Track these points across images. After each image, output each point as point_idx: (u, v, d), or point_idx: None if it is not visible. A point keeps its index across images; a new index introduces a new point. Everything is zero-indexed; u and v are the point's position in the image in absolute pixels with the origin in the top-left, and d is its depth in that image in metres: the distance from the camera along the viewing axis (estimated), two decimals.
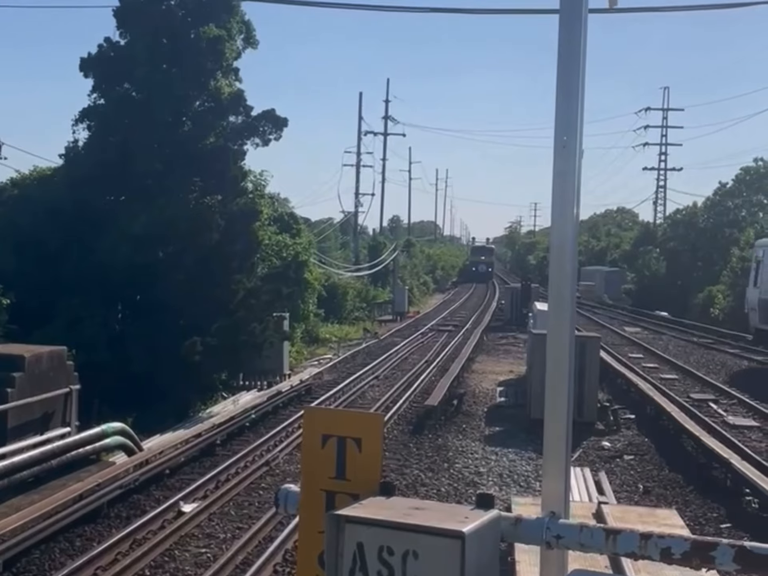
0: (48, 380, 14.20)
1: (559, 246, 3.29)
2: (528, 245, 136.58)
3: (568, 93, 3.17)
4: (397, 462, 16.51)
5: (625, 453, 17.87)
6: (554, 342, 3.42)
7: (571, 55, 3.15)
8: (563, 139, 3.18)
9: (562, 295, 3.31)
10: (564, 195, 3.20)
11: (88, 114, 24.61)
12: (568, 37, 3.17)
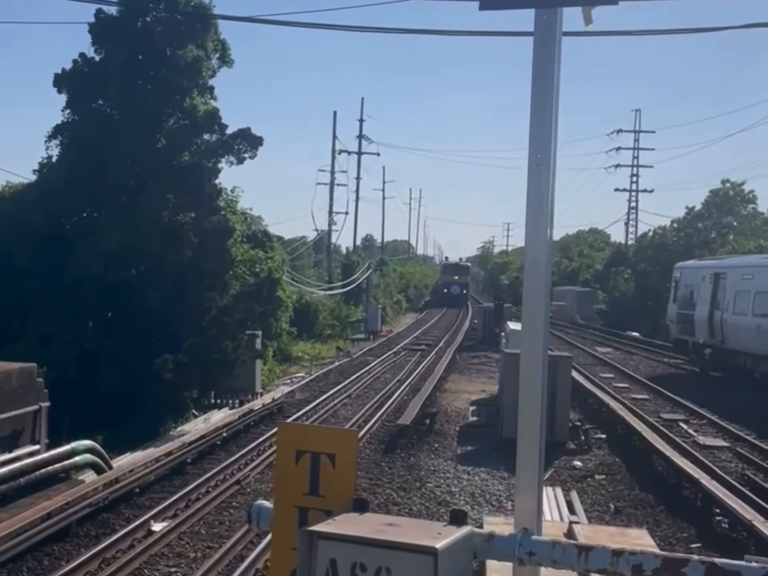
0: (17, 397, 14.06)
1: (533, 264, 3.31)
2: (501, 265, 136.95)
3: (542, 112, 3.20)
4: (369, 481, 16.46)
5: (596, 473, 17.91)
6: (527, 361, 3.44)
7: (545, 75, 3.18)
8: (537, 157, 3.20)
9: (536, 315, 3.33)
10: (538, 214, 3.23)
11: (61, 130, 24.53)
12: (542, 58, 3.21)
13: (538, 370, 3.42)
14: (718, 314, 32.87)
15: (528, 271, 3.38)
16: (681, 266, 40.67)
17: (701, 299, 35.07)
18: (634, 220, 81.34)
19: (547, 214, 3.25)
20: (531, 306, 3.32)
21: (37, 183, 24.54)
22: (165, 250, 23.24)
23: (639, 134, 79.82)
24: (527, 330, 3.42)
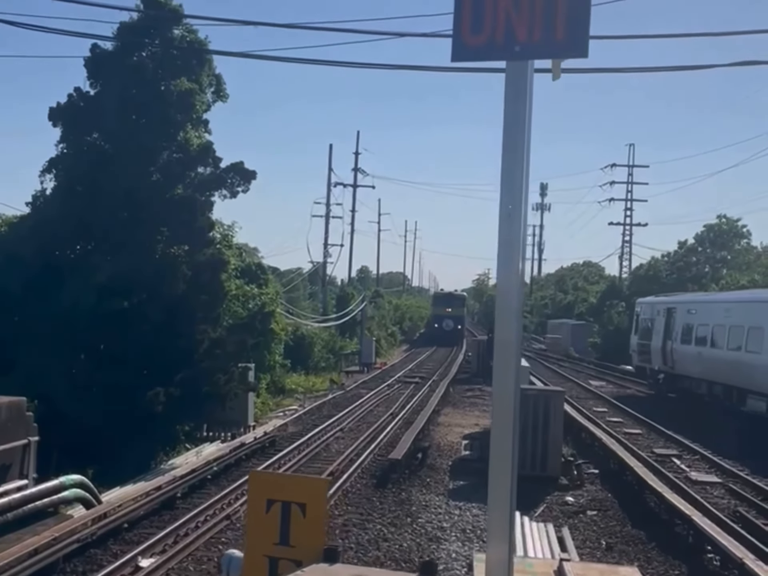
0: (6, 431, 13.99)
1: (504, 311, 3.32)
2: (495, 297, 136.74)
3: (513, 164, 3.21)
4: (359, 516, 16.37)
5: (588, 508, 17.86)
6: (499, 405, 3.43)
7: (515, 127, 3.20)
8: (508, 207, 3.21)
9: (508, 356, 3.31)
10: (509, 263, 3.24)
11: (55, 163, 24.57)
12: (513, 110, 3.23)
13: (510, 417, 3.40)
14: (669, 344, 37.94)
15: (500, 318, 3.39)
16: (641, 302, 46.32)
17: (656, 331, 40.01)
18: (628, 254, 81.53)
19: (518, 263, 3.26)
20: (503, 349, 3.30)
21: (30, 215, 24.55)
22: (158, 283, 23.22)
23: (633, 168, 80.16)
24: (499, 367, 3.40)
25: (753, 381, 28.82)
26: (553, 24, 3.55)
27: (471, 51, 3.58)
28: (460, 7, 3.57)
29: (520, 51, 3.49)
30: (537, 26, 3.53)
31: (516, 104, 3.24)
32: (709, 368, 33.27)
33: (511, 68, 3.39)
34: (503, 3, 3.53)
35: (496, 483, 3.32)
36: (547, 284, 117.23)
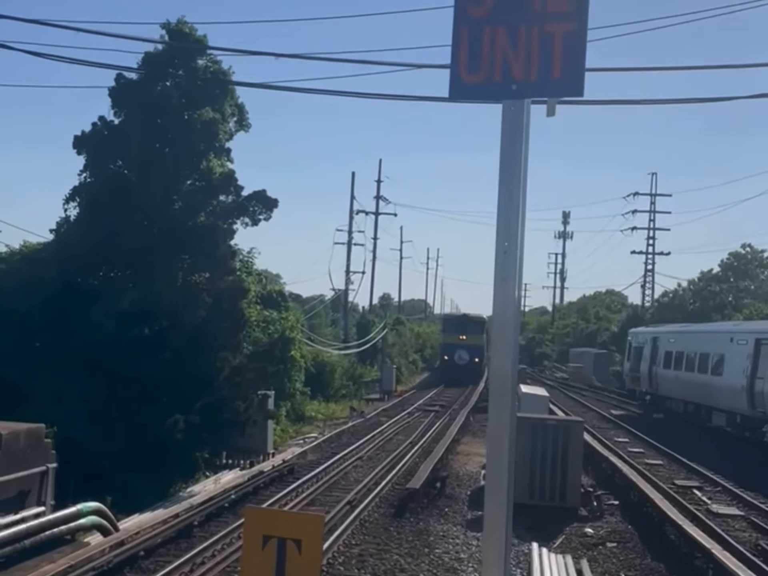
0: (25, 458, 14.06)
1: (500, 346, 3.32)
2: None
3: (509, 202, 3.24)
4: (376, 546, 16.29)
5: (608, 540, 17.67)
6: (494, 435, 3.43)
7: (511, 164, 3.23)
8: (504, 245, 3.23)
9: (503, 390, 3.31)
10: (506, 299, 3.24)
11: (79, 191, 24.87)
12: (509, 148, 3.26)
13: (504, 445, 3.40)
14: (654, 369, 43.51)
15: (496, 357, 3.39)
16: (632, 332, 53.05)
17: (644, 358, 45.54)
18: (651, 283, 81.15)
19: (513, 299, 3.27)
20: (499, 388, 3.31)
21: (54, 242, 24.82)
22: (179, 310, 23.37)
23: (655, 197, 79.98)
24: (495, 410, 3.41)
25: (716, 400, 34.26)
26: (550, 64, 3.61)
27: (468, 89, 3.64)
28: (458, 46, 3.64)
29: (517, 90, 3.56)
30: (533, 66, 3.60)
31: (512, 143, 3.28)
32: (684, 389, 38.50)
33: (508, 107, 3.44)
34: (500, 43, 3.59)
35: (490, 515, 3.32)
36: (569, 313, 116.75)
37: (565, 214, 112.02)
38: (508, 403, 3.34)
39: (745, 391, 31.13)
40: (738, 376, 31.85)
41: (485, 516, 3.46)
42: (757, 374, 30.60)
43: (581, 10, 3.74)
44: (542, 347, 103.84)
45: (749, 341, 32.02)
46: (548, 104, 3.68)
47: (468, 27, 3.68)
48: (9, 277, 23.95)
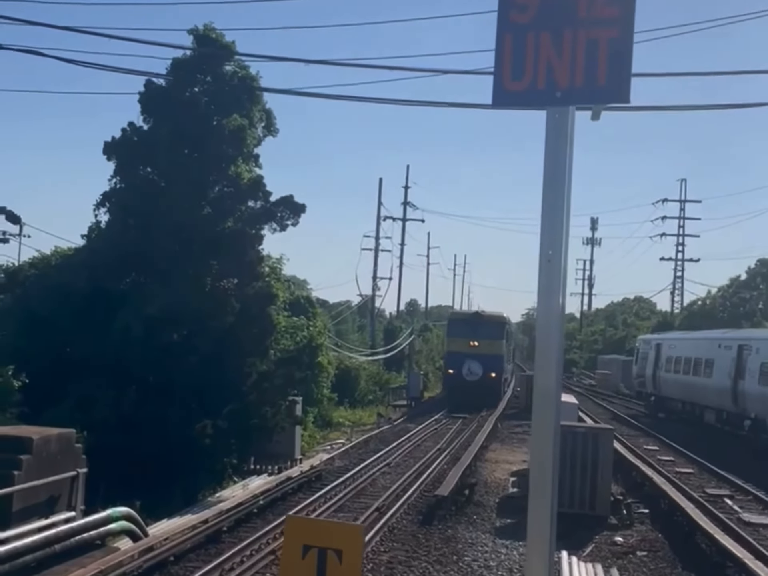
0: (55, 463, 14.12)
1: (544, 355, 3.26)
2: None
3: (554, 209, 3.19)
4: (405, 553, 16.21)
5: (638, 549, 17.49)
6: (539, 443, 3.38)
7: (556, 173, 3.19)
8: (548, 253, 3.19)
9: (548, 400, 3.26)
10: (550, 307, 3.19)
11: (109, 197, 25.04)
12: (554, 156, 3.22)
13: (549, 450, 3.35)
14: (657, 372, 47.63)
15: (539, 362, 3.33)
16: (640, 338, 58.26)
17: (649, 362, 49.43)
18: (680, 289, 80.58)
19: (558, 307, 3.22)
20: (543, 404, 3.25)
21: (84, 248, 25.01)
22: (207, 316, 23.46)
23: (685, 204, 79.42)
24: (538, 420, 3.36)
25: (707, 399, 38.82)
26: (595, 70, 3.57)
27: (512, 96, 3.60)
28: (501, 53, 3.59)
29: (561, 97, 3.52)
30: (578, 72, 3.57)
31: (557, 150, 3.23)
32: (682, 390, 43.08)
33: (552, 114, 3.39)
34: (545, 50, 3.55)
35: (535, 524, 3.27)
36: (597, 319, 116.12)
37: (594, 220, 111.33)
38: (551, 420, 3.29)
39: (729, 391, 35.39)
40: (724, 378, 36.15)
41: (529, 526, 3.41)
42: (739, 376, 34.89)
43: (627, 15, 3.69)
44: (570, 354, 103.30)
45: (733, 347, 36.21)
46: (593, 110, 3.64)
47: (511, 34, 3.64)
48: (40, 283, 24.16)
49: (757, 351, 34.01)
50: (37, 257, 26.72)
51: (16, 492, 13.04)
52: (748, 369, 34.14)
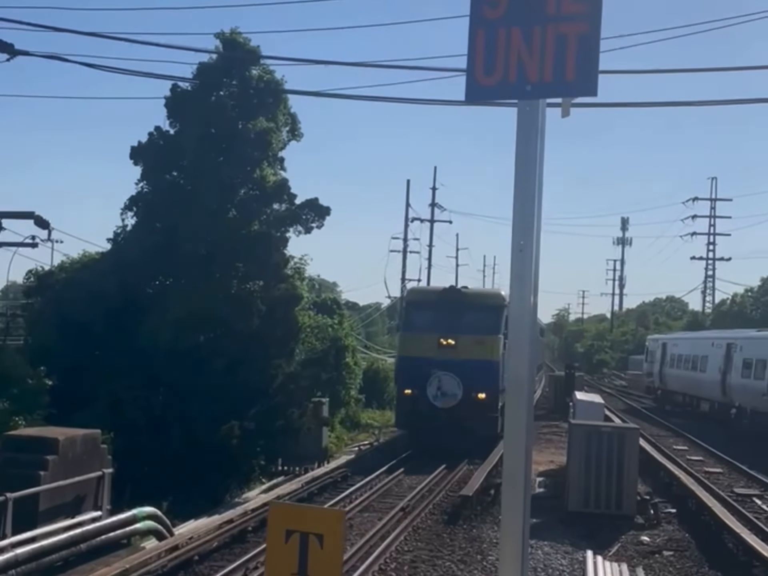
0: (81, 463, 14.33)
1: (517, 344, 3.30)
2: (575, 333, 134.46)
3: (525, 199, 3.26)
4: (429, 553, 16.23)
5: (664, 548, 17.38)
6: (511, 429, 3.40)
7: (527, 163, 3.25)
8: (520, 243, 3.25)
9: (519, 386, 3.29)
10: (522, 298, 3.25)
11: (136, 201, 25.33)
12: (524, 147, 3.28)
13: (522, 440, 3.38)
14: (664, 368, 52.47)
15: (512, 351, 3.37)
16: (649, 338, 63.83)
17: (656, 359, 54.37)
18: (711, 289, 79.95)
19: (530, 297, 3.26)
20: (515, 391, 3.30)
21: (112, 252, 25.30)
22: (233, 318, 23.66)
23: (715, 202, 78.79)
24: (511, 410, 3.40)
25: (702, 391, 43.79)
26: (564, 65, 3.67)
27: (484, 91, 3.71)
28: (473, 48, 3.69)
29: (531, 90, 3.62)
30: (548, 67, 3.67)
31: (527, 142, 3.31)
32: (683, 384, 48.00)
33: (523, 107, 3.47)
34: (515, 45, 3.65)
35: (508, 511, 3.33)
36: (627, 320, 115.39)
37: (624, 220, 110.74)
38: (524, 408, 3.35)
39: (719, 384, 39.93)
40: (715, 373, 40.66)
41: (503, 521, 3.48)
42: (727, 371, 39.36)
43: (595, 11, 3.79)
44: (601, 354, 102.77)
45: (723, 345, 40.70)
46: (563, 104, 3.72)
47: (483, 29, 3.76)
48: (70, 287, 24.47)
49: (740, 349, 38.41)
50: (66, 261, 27.08)
51: (43, 492, 13.25)
52: (733, 364, 38.64)
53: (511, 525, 3.45)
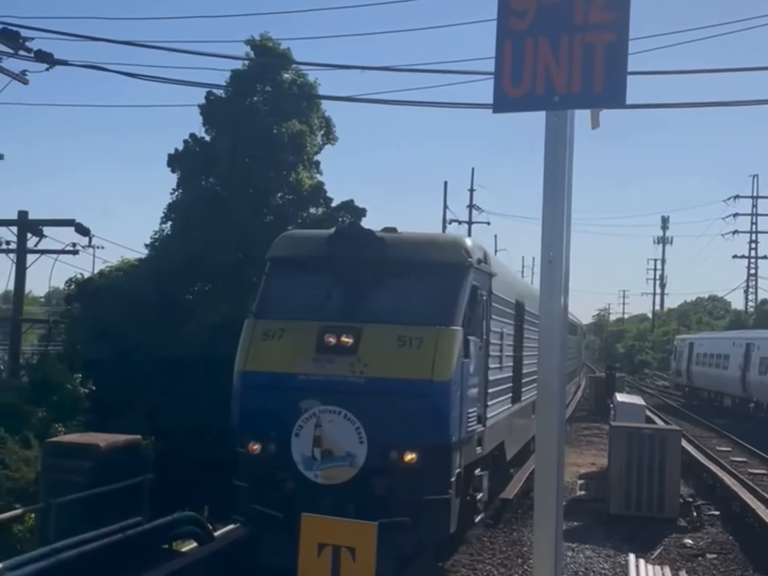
0: (123, 469, 14.42)
1: (547, 353, 3.26)
2: (616, 333, 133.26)
3: (554, 211, 3.22)
4: (469, 557, 16.15)
5: (708, 552, 17.18)
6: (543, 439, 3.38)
7: (555, 175, 3.22)
8: (549, 254, 3.21)
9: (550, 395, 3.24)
10: (552, 307, 3.20)
11: (172, 208, 25.51)
12: (553, 158, 3.26)
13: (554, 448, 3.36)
14: (691, 366, 56.47)
15: (542, 359, 3.32)
16: (677, 338, 69.80)
17: (684, 358, 58.32)
18: (754, 287, 78.98)
19: (560, 309, 3.21)
20: (546, 402, 3.25)
21: (150, 259, 25.51)
22: None
23: (757, 200, 77.88)
24: (542, 419, 3.35)
25: (725, 387, 47.89)
26: (591, 75, 3.64)
27: (512, 102, 3.67)
28: (501, 59, 3.67)
29: (559, 101, 3.59)
30: (575, 77, 3.64)
31: (556, 154, 3.28)
32: (708, 381, 52.19)
33: (551, 117, 3.44)
34: (543, 55, 3.62)
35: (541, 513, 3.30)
36: (669, 319, 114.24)
37: (664, 218, 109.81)
38: (555, 415, 3.31)
39: (740, 380, 43.86)
40: (736, 370, 44.66)
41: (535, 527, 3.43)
42: (746, 368, 43.18)
43: (622, 20, 3.76)
44: (642, 355, 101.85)
45: (743, 345, 44.75)
46: (591, 115, 3.70)
47: (510, 40, 3.73)
48: (108, 293, 24.69)
49: (758, 348, 42.13)
50: (105, 268, 27.36)
51: (84, 498, 13.36)
52: (752, 363, 42.44)
53: (543, 529, 3.41)
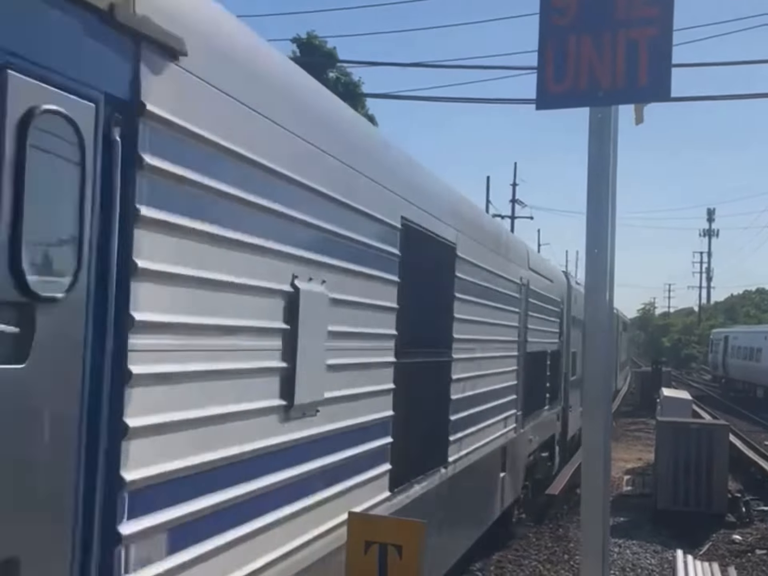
0: None
1: (594, 348, 3.26)
2: (662, 327, 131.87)
3: (598, 208, 3.23)
4: (515, 553, 16.18)
5: (757, 547, 17.05)
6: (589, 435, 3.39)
7: (600, 171, 3.22)
8: (594, 251, 3.21)
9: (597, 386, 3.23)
10: (597, 304, 3.20)
11: None
12: (597, 155, 3.25)
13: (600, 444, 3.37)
14: (726, 359, 60.03)
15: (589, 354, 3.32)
16: (714, 332, 73.95)
17: (720, 351, 62.20)
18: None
19: (605, 304, 3.22)
20: (593, 394, 3.25)
21: None
22: None
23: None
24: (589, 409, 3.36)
25: (759, 378, 50.39)
26: (636, 70, 3.61)
27: (555, 98, 3.66)
28: (544, 56, 3.66)
29: (603, 97, 3.57)
30: (619, 73, 3.60)
31: (600, 149, 3.28)
32: (742, 372, 55.06)
33: (594, 114, 3.44)
34: (585, 51, 3.59)
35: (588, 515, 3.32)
36: (715, 313, 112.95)
37: (710, 211, 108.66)
38: (603, 409, 3.32)
39: None
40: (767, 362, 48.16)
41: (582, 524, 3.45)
42: None
43: (666, 14, 3.72)
44: (688, 349, 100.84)
45: None
46: (635, 110, 3.68)
47: (553, 37, 3.72)
48: None
49: None
50: None
51: None
52: None
53: (591, 525, 3.42)
